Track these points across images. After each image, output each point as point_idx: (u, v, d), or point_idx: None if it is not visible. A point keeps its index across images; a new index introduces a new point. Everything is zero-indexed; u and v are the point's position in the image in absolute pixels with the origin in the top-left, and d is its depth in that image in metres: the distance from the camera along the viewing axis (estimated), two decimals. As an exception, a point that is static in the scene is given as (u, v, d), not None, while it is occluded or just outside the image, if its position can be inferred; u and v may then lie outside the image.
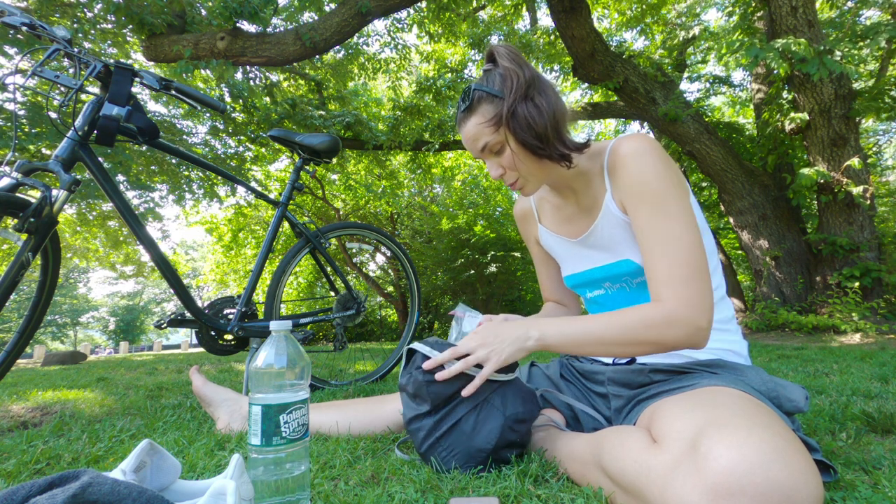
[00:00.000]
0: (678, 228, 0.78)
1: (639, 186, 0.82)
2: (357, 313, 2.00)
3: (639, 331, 0.76)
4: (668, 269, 0.77)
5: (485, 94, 0.85)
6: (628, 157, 0.83)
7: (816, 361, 2.38)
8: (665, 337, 0.75)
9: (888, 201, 8.46)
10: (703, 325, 0.75)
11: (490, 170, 0.90)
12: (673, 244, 0.78)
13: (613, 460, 0.67)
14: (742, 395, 0.69)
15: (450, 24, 6.63)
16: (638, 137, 0.85)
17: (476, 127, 0.86)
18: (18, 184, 1.19)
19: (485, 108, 0.85)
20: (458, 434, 0.82)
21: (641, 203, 0.82)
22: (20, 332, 1.28)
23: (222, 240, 10.86)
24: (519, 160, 0.86)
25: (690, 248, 0.78)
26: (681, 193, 0.81)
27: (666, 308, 0.75)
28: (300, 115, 6.29)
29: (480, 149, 0.88)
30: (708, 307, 0.75)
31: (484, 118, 0.85)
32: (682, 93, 6.14)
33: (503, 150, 0.87)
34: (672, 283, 0.76)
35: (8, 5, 1.30)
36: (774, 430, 0.55)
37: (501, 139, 0.86)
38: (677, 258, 0.77)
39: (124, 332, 31.59)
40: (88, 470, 0.45)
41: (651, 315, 0.76)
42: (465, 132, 0.89)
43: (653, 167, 0.81)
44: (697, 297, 0.75)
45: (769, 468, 0.50)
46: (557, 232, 1.03)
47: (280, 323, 0.68)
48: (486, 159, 0.90)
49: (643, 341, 0.76)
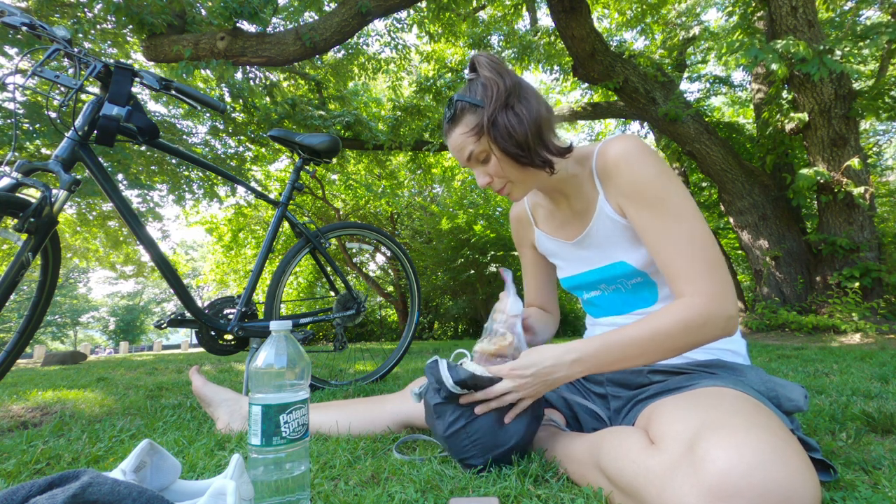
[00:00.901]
0: (687, 223, 0.78)
1: (637, 188, 0.82)
2: (357, 313, 2.00)
3: (680, 337, 0.75)
4: (688, 265, 0.77)
5: (467, 105, 0.86)
6: (620, 160, 0.83)
7: (816, 361, 2.38)
8: (705, 336, 0.76)
9: (888, 201, 8.45)
10: (733, 313, 0.75)
11: (477, 178, 0.92)
12: (685, 240, 0.78)
13: (612, 461, 0.67)
14: (740, 395, 0.69)
15: (450, 24, 6.64)
16: (624, 139, 0.85)
17: (460, 137, 0.87)
18: (18, 184, 1.19)
19: (468, 119, 0.86)
20: (486, 422, 0.82)
21: (643, 204, 0.81)
22: (20, 332, 1.28)
23: (222, 240, 10.87)
24: (503, 168, 0.87)
25: (703, 241, 0.78)
26: (679, 188, 0.81)
27: (699, 308, 0.75)
28: (300, 115, 6.29)
29: (466, 158, 0.89)
30: (733, 295, 0.76)
31: (467, 128, 0.86)
32: (682, 93, 6.13)
33: (489, 159, 0.88)
34: (696, 279, 0.76)
35: (8, 5, 1.30)
36: (772, 431, 0.55)
37: (485, 148, 0.86)
38: (694, 254, 0.77)
39: (124, 332, 31.59)
40: (88, 470, 0.45)
41: (688, 318, 0.75)
42: (451, 142, 0.90)
43: (647, 167, 0.81)
44: (722, 289, 0.75)
45: (767, 469, 0.50)
46: (554, 235, 1.04)
47: (280, 323, 0.68)
48: (473, 167, 0.91)
49: (685, 345, 0.76)
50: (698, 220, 0.79)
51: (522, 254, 1.17)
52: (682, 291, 0.77)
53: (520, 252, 1.18)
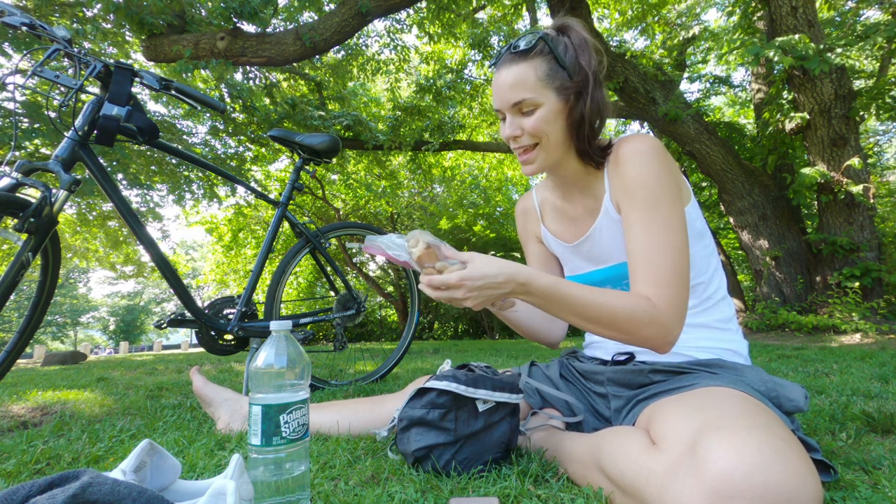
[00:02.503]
0: (670, 233, 0.78)
1: (633, 185, 0.82)
2: (357, 313, 2.00)
3: (620, 321, 0.75)
4: (654, 269, 0.77)
5: (550, 51, 0.82)
6: (630, 155, 0.83)
7: (816, 361, 2.38)
8: (640, 332, 0.75)
9: (888, 201, 8.46)
10: (676, 333, 0.76)
11: (506, 128, 0.86)
12: (663, 246, 0.78)
13: (613, 462, 0.67)
14: (741, 395, 0.69)
15: (450, 24, 6.64)
16: (640, 137, 0.84)
17: (524, 73, 0.82)
18: (18, 184, 1.19)
19: (542, 64, 0.82)
20: (472, 448, 0.83)
21: (634, 201, 0.82)
22: (20, 332, 1.28)
23: (222, 240, 10.88)
24: (550, 129, 0.83)
25: (677, 254, 0.78)
26: (675, 197, 0.81)
27: (652, 309, 0.75)
28: (300, 116, 6.30)
29: (514, 101, 0.83)
30: (684, 317, 0.76)
31: (538, 71, 0.81)
32: (682, 93, 6.14)
33: (532, 113, 0.83)
34: (659, 284, 0.76)
35: (8, 5, 1.30)
36: (773, 432, 0.55)
37: (542, 102, 0.82)
38: (664, 261, 0.77)
39: (124, 332, 31.60)
40: (88, 470, 0.45)
41: (638, 308, 0.75)
42: (507, 75, 0.83)
43: (649, 167, 0.81)
44: (680, 304, 0.76)
45: (768, 470, 0.50)
46: (557, 235, 1.04)
47: (280, 323, 0.68)
48: (508, 113, 0.85)
49: (618, 328, 0.75)
50: (680, 234, 0.79)
51: (528, 249, 1.15)
52: (640, 291, 0.78)
53: (525, 248, 1.17)
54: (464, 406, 0.83)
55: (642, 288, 0.77)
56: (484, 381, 0.84)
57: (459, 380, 0.83)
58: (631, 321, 0.75)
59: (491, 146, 8.30)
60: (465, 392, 0.82)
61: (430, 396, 0.84)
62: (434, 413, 0.82)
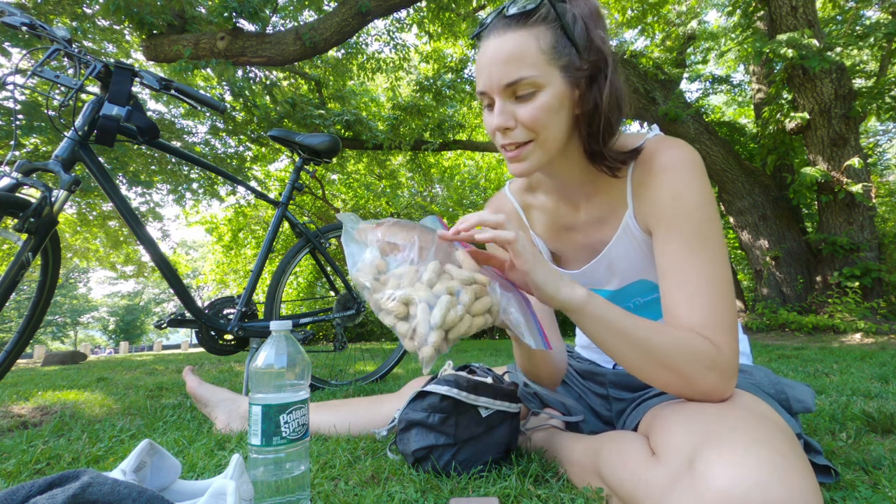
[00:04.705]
0: (719, 266, 0.67)
1: (676, 208, 0.68)
2: (357, 313, 2.00)
3: (681, 355, 0.63)
4: (713, 311, 0.65)
5: (556, 18, 0.64)
6: (668, 169, 0.69)
7: (816, 361, 2.38)
8: (700, 377, 0.63)
9: (888, 201, 8.46)
10: (733, 385, 0.65)
11: (495, 116, 0.67)
12: (717, 285, 0.66)
13: (612, 470, 0.66)
14: (746, 403, 0.66)
15: (449, 23, 6.63)
16: (680, 145, 0.70)
17: (523, 46, 0.64)
18: (18, 184, 1.19)
19: (546, 33, 0.64)
20: (472, 449, 0.83)
21: (675, 228, 0.68)
22: (20, 332, 1.28)
23: (222, 240, 10.88)
24: (550, 121, 0.66)
25: (730, 293, 0.67)
26: (719, 222, 0.70)
27: (717, 350, 0.63)
28: (300, 115, 6.30)
29: (508, 81, 0.65)
30: (738, 367, 0.66)
31: (540, 42, 0.64)
32: (682, 92, 6.14)
33: (530, 98, 0.65)
34: (719, 328, 0.64)
35: (8, 5, 1.30)
36: (774, 448, 0.53)
37: (544, 83, 0.65)
38: (722, 303, 0.66)
39: (124, 332, 31.58)
40: (88, 470, 0.45)
41: (703, 350, 0.63)
42: (499, 46, 0.65)
43: (698, 188, 0.68)
44: (737, 350, 0.66)
45: (767, 489, 0.49)
46: (557, 250, 0.90)
47: (280, 323, 0.68)
48: (497, 97, 0.67)
49: (677, 368, 0.63)
50: (728, 267, 0.69)
51: None
52: (703, 334, 0.65)
53: None
54: (465, 412, 0.83)
55: (700, 330, 0.65)
56: (485, 389, 0.84)
57: (461, 386, 0.83)
58: (694, 363, 0.62)
59: (491, 146, 8.30)
60: (465, 399, 0.82)
61: (431, 400, 0.84)
62: (435, 417, 0.82)
